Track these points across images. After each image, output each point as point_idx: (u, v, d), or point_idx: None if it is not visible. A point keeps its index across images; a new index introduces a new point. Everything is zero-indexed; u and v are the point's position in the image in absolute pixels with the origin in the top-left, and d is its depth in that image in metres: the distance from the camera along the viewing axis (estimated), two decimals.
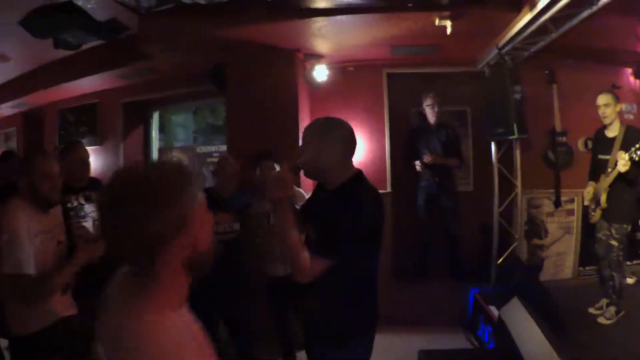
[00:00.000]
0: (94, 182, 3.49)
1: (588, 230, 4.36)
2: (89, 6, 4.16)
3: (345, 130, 2.04)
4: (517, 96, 4.37)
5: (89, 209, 3.30)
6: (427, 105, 4.93)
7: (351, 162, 2.07)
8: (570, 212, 4.76)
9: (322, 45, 4.68)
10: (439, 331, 4.85)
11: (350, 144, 2.04)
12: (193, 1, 3.82)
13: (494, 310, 4.03)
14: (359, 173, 2.06)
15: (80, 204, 3.28)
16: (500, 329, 3.31)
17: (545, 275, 4.70)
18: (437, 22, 3.79)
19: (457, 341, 4.53)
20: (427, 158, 4.76)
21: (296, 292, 2.20)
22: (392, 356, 4.01)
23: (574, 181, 4.57)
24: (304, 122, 4.85)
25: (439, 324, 4.91)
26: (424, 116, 5.03)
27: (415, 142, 5.00)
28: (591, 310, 4.01)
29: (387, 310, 4.83)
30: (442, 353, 3.38)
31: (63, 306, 2.49)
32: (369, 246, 1.99)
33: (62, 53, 5.00)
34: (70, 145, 3.53)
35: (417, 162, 4.87)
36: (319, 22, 4.05)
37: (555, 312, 3.40)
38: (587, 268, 4.82)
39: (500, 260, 4.83)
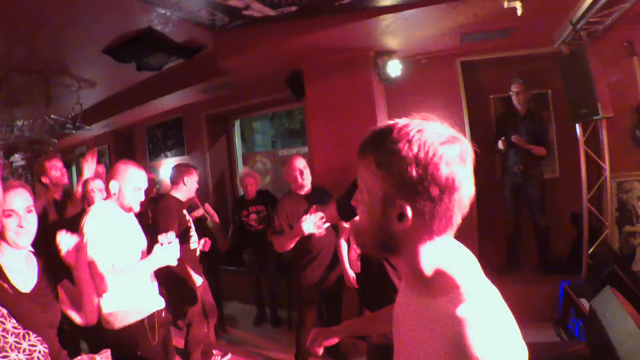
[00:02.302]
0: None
1: None
2: (167, 30, 4.45)
3: None
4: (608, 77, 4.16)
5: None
6: (513, 92, 4.79)
7: None
8: None
9: (392, 41, 4.69)
10: (529, 326, 4.71)
11: None
12: (263, 14, 4.00)
13: (585, 303, 3.84)
14: None
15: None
16: (591, 320, 3.16)
17: (638, 265, 4.39)
18: (505, 4, 3.67)
19: (547, 336, 4.37)
20: (514, 138, 4.65)
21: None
22: None
23: None
24: (382, 119, 4.90)
25: (529, 318, 4.77)
26: (511, 102, 4.88)
27: (502, 128, 4.88)
28: None
29: None
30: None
31: (149, 303, 2.79)
32: None
33: (146, 74, 5.41)
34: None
35: (501, 140, 4.73)
36: (388, 20, 4.07)
37: None
38: None
39: (591, 250, 4.60)
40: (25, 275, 1.93)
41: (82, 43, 4.51)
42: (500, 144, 4.73)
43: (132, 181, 2.74)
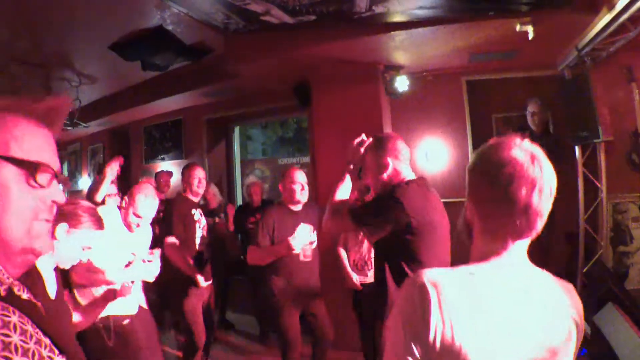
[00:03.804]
0: None
1: None
2: (178, 30, 4.45)
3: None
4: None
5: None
6: (529, 112, 4.87)
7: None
8: None
9: (402, 57, 4.79)
10: None
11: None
12: (280, 21, 4.03)
13: None
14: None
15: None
16: (595, 334, 3.26)
17: (631, 284, 4.50)
18: (518, 27, 3.81)
19: None
20: None
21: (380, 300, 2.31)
22: None
23: None
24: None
25: None
26: (527, 122, 4.95)
27: None
28: None
29: None
30: None
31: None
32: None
33: (148, 74, 5.36)
34: (187, 166, 4.07)
35: None
36: (401, 36, 4.17)
37: None
38: None
39: (587, 268, 4.71)
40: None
41: (88, 37, 4.47)
42: None
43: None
